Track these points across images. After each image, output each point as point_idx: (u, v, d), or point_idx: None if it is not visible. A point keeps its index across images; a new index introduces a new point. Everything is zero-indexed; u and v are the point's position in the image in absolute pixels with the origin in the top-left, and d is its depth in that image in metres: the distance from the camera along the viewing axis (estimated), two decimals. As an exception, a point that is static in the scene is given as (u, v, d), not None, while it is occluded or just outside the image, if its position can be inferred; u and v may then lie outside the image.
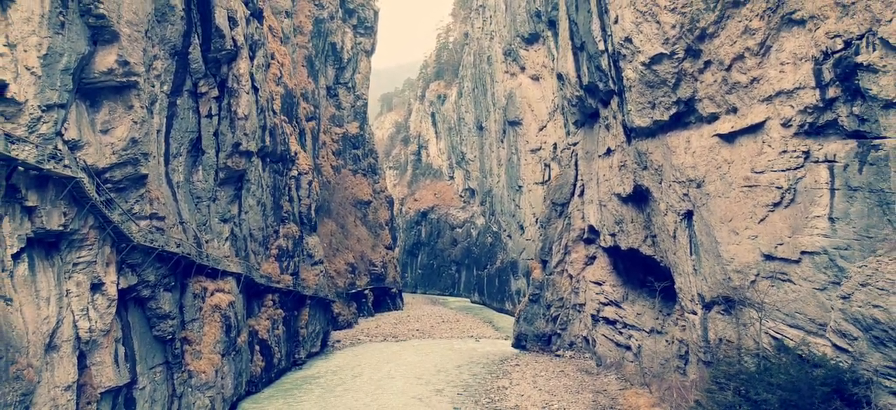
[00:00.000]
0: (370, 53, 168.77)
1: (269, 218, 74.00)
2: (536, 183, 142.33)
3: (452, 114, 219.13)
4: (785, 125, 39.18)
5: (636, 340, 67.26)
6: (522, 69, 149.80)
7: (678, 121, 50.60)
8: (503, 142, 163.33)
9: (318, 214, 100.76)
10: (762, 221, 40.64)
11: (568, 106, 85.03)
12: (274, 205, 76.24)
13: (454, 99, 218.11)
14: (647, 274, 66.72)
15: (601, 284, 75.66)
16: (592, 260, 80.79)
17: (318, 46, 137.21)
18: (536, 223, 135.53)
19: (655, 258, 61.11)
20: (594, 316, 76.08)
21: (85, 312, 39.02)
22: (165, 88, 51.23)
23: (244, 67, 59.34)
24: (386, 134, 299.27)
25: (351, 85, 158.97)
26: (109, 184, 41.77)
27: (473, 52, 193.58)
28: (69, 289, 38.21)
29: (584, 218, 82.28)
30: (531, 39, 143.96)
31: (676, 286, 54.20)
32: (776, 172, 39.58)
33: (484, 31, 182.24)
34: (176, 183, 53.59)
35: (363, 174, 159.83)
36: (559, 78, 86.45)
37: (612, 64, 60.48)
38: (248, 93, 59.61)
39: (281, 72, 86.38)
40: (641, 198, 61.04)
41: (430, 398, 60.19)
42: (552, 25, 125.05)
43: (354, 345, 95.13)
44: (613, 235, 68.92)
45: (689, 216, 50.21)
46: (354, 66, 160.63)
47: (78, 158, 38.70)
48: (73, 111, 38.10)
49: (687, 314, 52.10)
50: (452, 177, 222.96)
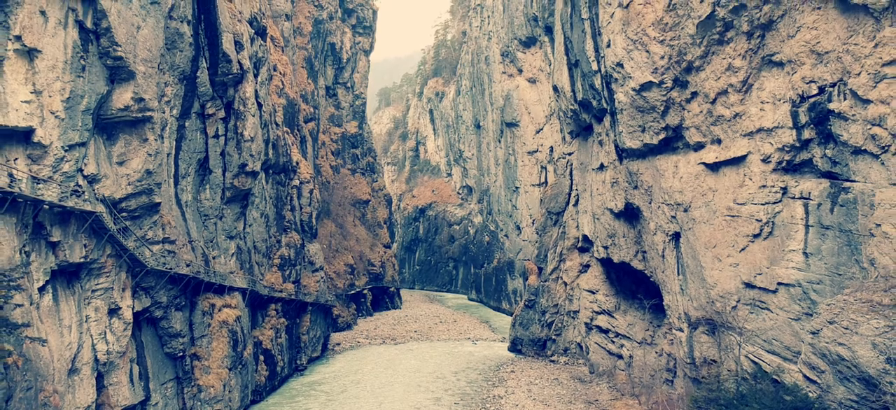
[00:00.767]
0: (369, 52, 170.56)
1: (271, 228, 76.30)
2: (533, 185, 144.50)
3: (450, 112, 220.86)
4: (765, 160, 41.46)
5: (628, 350, 69.65)
6: (520, 71, 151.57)
7: (667, 146, 52.75)
8: (501, 143, 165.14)
9: (318, 217, 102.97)
10: (743, 250, 42.98)
11: (563, 117, 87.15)
12: (277, 216, 78.53)
13: (452, 97, 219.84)
14: (638, 286, 68.99)
15: (595, 293, 77.98)
16: (586, 268, 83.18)
17: (317, 47, 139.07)
18: (533, 224, 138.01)
19: (646, 273, 63.38)
20: (588, 324, 78.45)
21: (103, 336, 41.33)
22: (175, 112, 53.37)
23: (250, 91, 61.51)
24: (384, 129, 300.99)
25: (350, 84, 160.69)
26: (125, 213, 44.02)
27: (471, 51, 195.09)
28: (88, 315, 40.50)
29: (578, 227, 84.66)
30: (528, 43, 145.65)
31: (665, 303, 56.56)
32: (756, 205, 41.89)
33: (482, 30, 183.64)
34: (184, 202, 55.79)
35: (362, 173, 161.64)
36: (555, 89, 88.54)
37: (604, 85, 62.53)
38: (253, 116, 61.80)
39: (283, 83, 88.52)
40: (632, 215, 63.23)
41: (428, 407, 62.56)
42: (549, 31, 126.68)
43: (354, 348, 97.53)
44: (606, 248, 71.17)
45: (676, 237, 52.49)
46: (353, 65, 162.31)
47: (96, 191, 40.92)
48: (91, 146, 40.32)
49: (674, 330, 54.51)
50: (450, 175, 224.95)
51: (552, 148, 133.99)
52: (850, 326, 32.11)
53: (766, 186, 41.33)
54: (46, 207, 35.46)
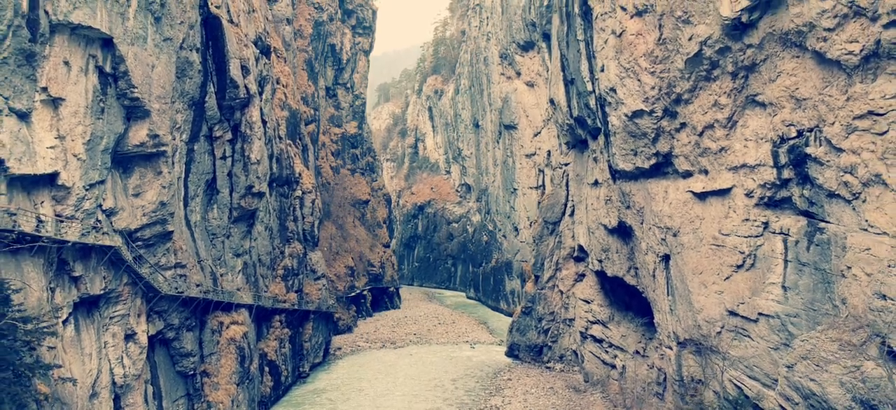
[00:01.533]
0: (368, 52, 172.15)
1: (275, 240, 78.55)
2: (531, 187, 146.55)
3: (449, 110, 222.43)
4: (748, 195, 43.68)
5: (621, 360, 71.99)
6: (518, 74, 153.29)
7: (657, 170, 54.94)
8: (499, 144, 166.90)
9: (319, 223, 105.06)
10: (727, 279, 45.27)
11: (560, 129, 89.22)
12: (280, 228, 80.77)
13: (451, 95, 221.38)
14: (631, 298, 71.27)
15: (590, 303, 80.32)
16: (582, 277, 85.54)
17: (317, 49, 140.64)
18: (531, 226, 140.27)
19: (638, 288, 65.65)
20: (582, 332, 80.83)
21: (120, 360, 43.62)
22: (184, 137, 55.54)
23: (256, 114, 63.65)
24: (383, 125, 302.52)
25: (350, 85, 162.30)
26: (140, 242, 46.27)
27: (470, 50, 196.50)
28: (106, 341, 42.79)
29: (574, 237, 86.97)
30: (527, 47, 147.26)
31: (655, 320, 58.92)
32: (739, 237, 44.14)
33: (481, 31, 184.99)
34: (193, 223, 58.01)
35: (361, 173, 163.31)
36: (551, 102, 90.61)
37: (599, 106, 64.63)
38: (259, 139, 63.97)
39: (285, 96, 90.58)
40: (626, 233, 65.42)
41: (428, 417, 65.08)
42: (546, 38, 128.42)
43: (355, 352, 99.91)
44: (600, 261, 73.42)
45: (666, 259, 54.75)
46: (353, 66, 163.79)
47: (113, 223, 43.15)
48: (108, 181, 42.51)
49: (664, 347, 56.86)
50: (449, 172, 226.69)
51: (549, 152, 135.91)
52: (821, 363, 34.43)
53: (748, 220, 43.55)
54: (69, 244, 37.66)
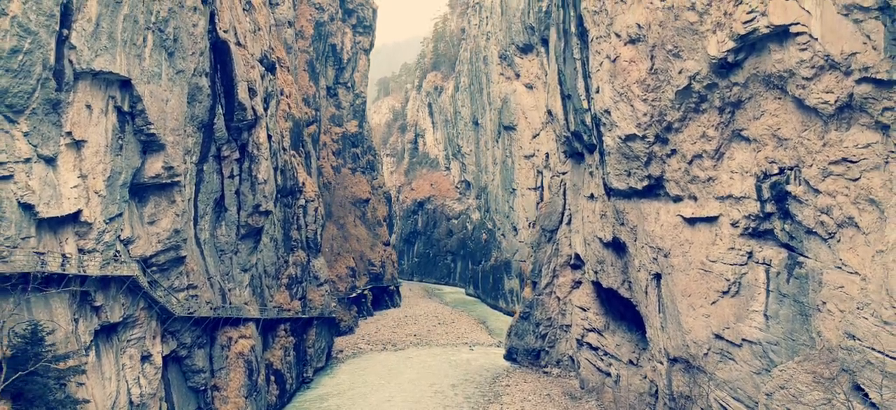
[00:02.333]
0: (369, 51, 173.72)
1: (280, 250, 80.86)
2: (529, 188, 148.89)
3: (449, 107, 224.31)
4: (733, 224, 45.90)
5: (615, 369, 74.41)
6: (517, 76, 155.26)
7: (650, 192, 57.14)
8: (498, 143, 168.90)
9: (322, 228, 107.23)
10: (714, 303, 47.57)
11: (558, 139, 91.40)
12: (284, 238, 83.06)
13: (451, 92, 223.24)
14: (626, 309, 73.52)
15: (586, 310, 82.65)
16: (578, 284, 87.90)
17: (318, 49, 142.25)
18: (529, 226, 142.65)
19: (632, 301, 67.98)
20: (579, 340, 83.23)
21: (136, 380, 45.98)
22: (194, 159, 57.75)
23: (263, 135, 65.86)
24: (383, 119, 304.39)
25: (350, 84, 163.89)
26: (154, 267, 48.57)
27: (470, 48, 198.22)
28: (124, 363, 45.14)
29: (571, 245, 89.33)
30: (526, 49, 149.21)
31: (647, 335, 61.30)
32: (725, 264, 46.42)
33: (480, 30, 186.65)
34: (203, 240, 60.32)
35: (362, 172, 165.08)
36: (549, 113, 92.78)
37: (594, 125, 66.73)
38: (266, 160, 66.17)
39: (289, 106, 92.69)
40: (620, 247, 67.65)
41: (428, 426, 67.54)
42: (545, 43, 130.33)
43: (356, 355, 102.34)
44: (596, 272, 75.70)
45: (658, 277, 57.05)
46: (354, 65, 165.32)
47: (130, 251, 45.43)
48: (125, 212, 44.75)
49: (655, 362, 59.24)
50: (449, 169, 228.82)
51: (548, 154, 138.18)
52: (796, 394, 36.78)
53: (734, 248, 45.79)
54: (92, 277, 39.97)
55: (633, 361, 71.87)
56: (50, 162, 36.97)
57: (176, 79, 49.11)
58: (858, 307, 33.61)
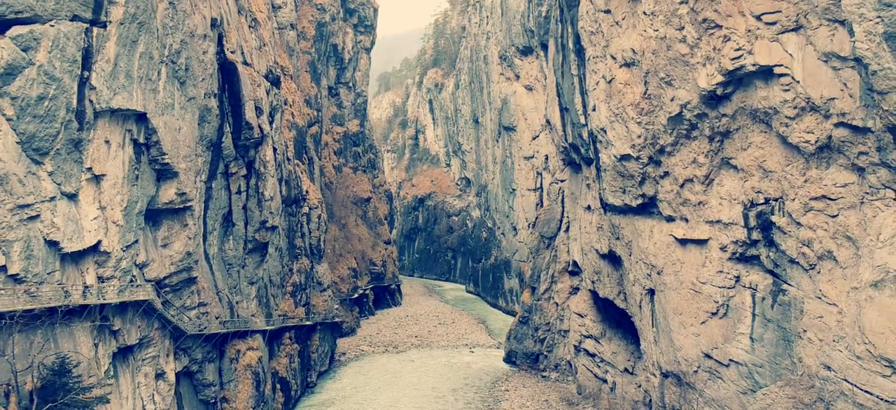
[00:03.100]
0: (369, 49, 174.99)
1: (285, 258, 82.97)
2: (529, 189, 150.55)
3: (449, 105, 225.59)
4: (722, 248, 47.92)
5: (611, 376, 76.56)
6: (517, 77, 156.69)
7: (644, 209, 59.06)
8: (498, 143, 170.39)
9: (324, 232, 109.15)
10: (703, 323, 49.66)
11: (556, 148, 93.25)
12: (289, 246, 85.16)
13: (451, 90, 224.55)
14: (622, 318, 75.58)
15: (583, 317, 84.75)
16: (576, 290, 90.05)
17: (320, 50, 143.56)
18: (529, 227, 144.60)
19: (628, 312, 70.04)
20: (576, 346, 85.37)
21: (151, 397, 48.14)
22: (203, 177, 59.73)
23: (269, 153, 67.86)
24: (383, 114, 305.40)
25: (351, 83, 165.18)
26: (167, 288, 50.68)
27: (470, 47, 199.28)
28: (139, 381, 47.29)
29: (569, 252, 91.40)
30: (525, 51, 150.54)
31: (642, 347, 63.38)
32: (714, 287, 48.48)
33: (481, 29, 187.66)
34: (211, 255, 62.36)
35: (363, 171, 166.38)
36: (548, 122, 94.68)
37: (591, 141, 68.58)
38: (272, 176, 68.20)
39: (293, 114, 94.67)
40: (616, 259, 69.60)
41: (430, 432, 69.80)
42: (544, 47, 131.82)
43: (359, 358, 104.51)
44: (593, 281, 77.74)
45: (651, 293, 59.08)
46: (355, 64, 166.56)
47: (145, 274, 47.52)
48: (141, 237, 46.81)
49: (649, 373, 61.37)
50: (449, 165, 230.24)
51: (547, 157, 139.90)
52: (778, 418, 38.94)
53: (722, 272, 47.85)
54: (110, 304, 42.08)
55: (628, 369, 73.98)
56: (72, 198, 39.04)
57: (187, 107, 51.10)
58: (834, 339, 35.70)
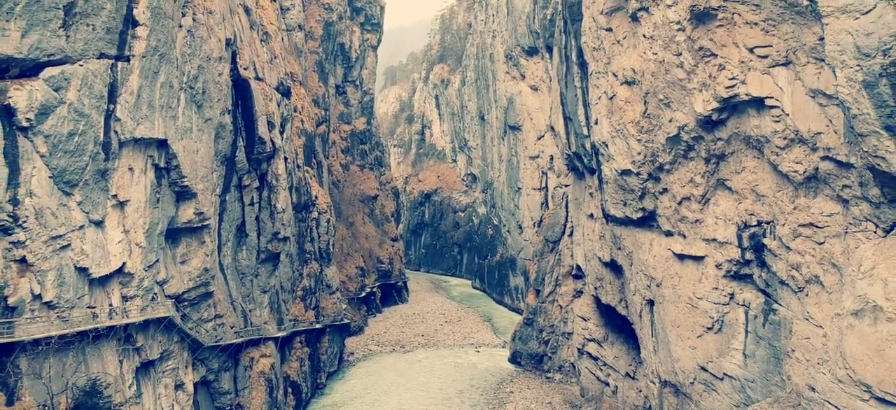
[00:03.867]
0: (376, 47, 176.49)
1: (295, 263, 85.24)
2: (534, 188, 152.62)
3: (455, 101, 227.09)
4: (717, 266, 49.91)
5: (613, 380, 78.70)
6: (522, 77, 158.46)
7: (644, 223, 60.94)
8: (504, 141, 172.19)
9: (333, 235, 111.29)
10: (700, 337, 51.71)
11: (561, 154, 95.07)
12: (299, 251, 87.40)
13: (457, 86, 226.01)
14: (624, 322, 77.59)
15: (586, 320, 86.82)
16: (580, 294, 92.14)
17: (327, 49, 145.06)
18: (534, 226, 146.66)
19: (629, 320, 72.05)
20: (580, 349, 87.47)
21: (171, 407, 50.51)
22: (218, 191, 61.95)
23: (281, 167, 70.05)
24: (390, 109, 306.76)
25: (358, 82, 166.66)
26: (186, 302, 53.01)
27: (476, 44, 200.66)
28: (160, 393, 49.64)
29: (573, 256, 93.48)
30: (531, 52, 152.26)
31: (642, 355, 65.45)
32: (710, 303, 50.50)
33: (487, 27, 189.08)
34: (226, 266, 64.64)
35: (370, 168, 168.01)
36: (552, 129, 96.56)
37: (593, 152, 70.39)
38: (284, 189, 70.43)
39: (302, 121, 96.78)
40: (617, 268, 71.56)
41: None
42: (549, 50, 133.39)
43: (367, 358, 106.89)
44: (596, 288, 79.73)
45: (651, 303, 61.06)
46: (362, 62, 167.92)
47: (165, 290, 49.82)
48: (161, 256, 49.09)
49: (649, 381, 63.47)
50: (455, 161, 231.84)
51: (552, 157, 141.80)
52: (766, 434, 41.02)
53: (717, 289, 49.85)
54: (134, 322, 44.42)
55: (630, 374, 76.08)
56: (99, 224, 41.32)
57: (204, 128, 53.31)
58: (819, 362, 37.69)
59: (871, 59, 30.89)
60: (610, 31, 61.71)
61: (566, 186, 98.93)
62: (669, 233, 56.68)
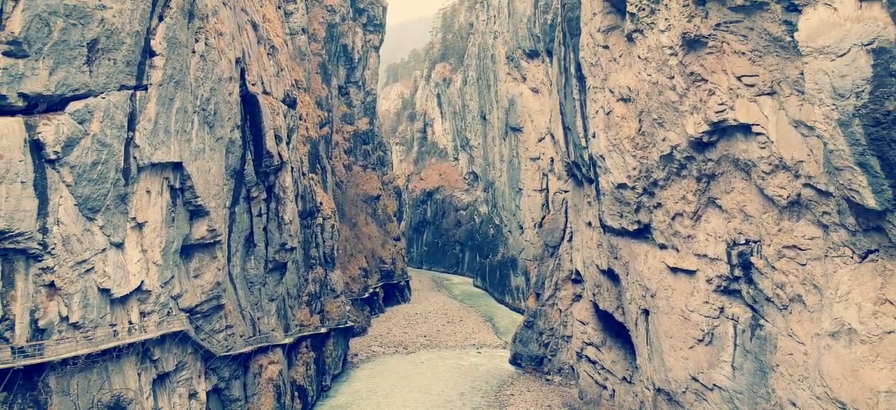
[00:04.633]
0: (378, 47, 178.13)
1: (301, 270, 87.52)
2: (535, 189, 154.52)
3: (457, 100, 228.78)
4: (708, 281, 52.06)
5: (611, 383, 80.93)
6: (523, 79, 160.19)
7: (640, 234, 63.02)
8: (505, 142, 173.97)
9: (337, 239, 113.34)
10: (691, 348, 53.89)
11: (561, 160, 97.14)
12: (305, 257, 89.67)
13: (459, 85, 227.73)
14: (621, 327, 79.68)
15: (585, 324, 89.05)
16: (579, 298, 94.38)
17: (330, 51, 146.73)
18: (535, 226, 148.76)
19: (626, 326, 74.20)
20: (578, 352, 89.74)
21: (185, 416, 52.85)
22: (227, 203, 64.15)
23: (288, 179, 72.22)
24: (392, 107, 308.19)
25: (361, 82, 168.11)
26: (199, 315, 55.28)
27: (478, 44, 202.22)
28: (174, 402, 51.96)
29: (572, 261, 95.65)
30: (531, 55, 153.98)
31: (637, 362, 67.68)
32: (701, 315, 52.68)
33: (488, 28, 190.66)
34: (235, 276, 66.88)
35: (372, 168, 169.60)
36: (551, 136, 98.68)
37: (591, 164, 72.42)
38: (291, 201, 72.61)
39: (307, 128, 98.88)
40: (615, 276, 73.65)
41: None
42: (550, 55, 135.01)
43: (370, 359, 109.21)
44: (594, 294, 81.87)
45: (646, 312, 63.22)
46: (364, 63, 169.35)
47: (179, 304, 52.10)
48: (175, 271, 51.34)
49: (644, 387, 65.71)
50: (457, 159, 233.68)
51: (552, 159, 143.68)
52: (752, 445, 43.26)
53: (708, 302, 52.02)
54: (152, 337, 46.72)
55: (627, 378, 78.27)
56: (119, 246, 43.59)
57: (216, 147, 55.51)
58: (800, 378, 39.97)
59: (845, 99, 33.01)
60: (607, 48, 63.60)
61: (566, 192, 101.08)
62: (664, 246, 58.70)
